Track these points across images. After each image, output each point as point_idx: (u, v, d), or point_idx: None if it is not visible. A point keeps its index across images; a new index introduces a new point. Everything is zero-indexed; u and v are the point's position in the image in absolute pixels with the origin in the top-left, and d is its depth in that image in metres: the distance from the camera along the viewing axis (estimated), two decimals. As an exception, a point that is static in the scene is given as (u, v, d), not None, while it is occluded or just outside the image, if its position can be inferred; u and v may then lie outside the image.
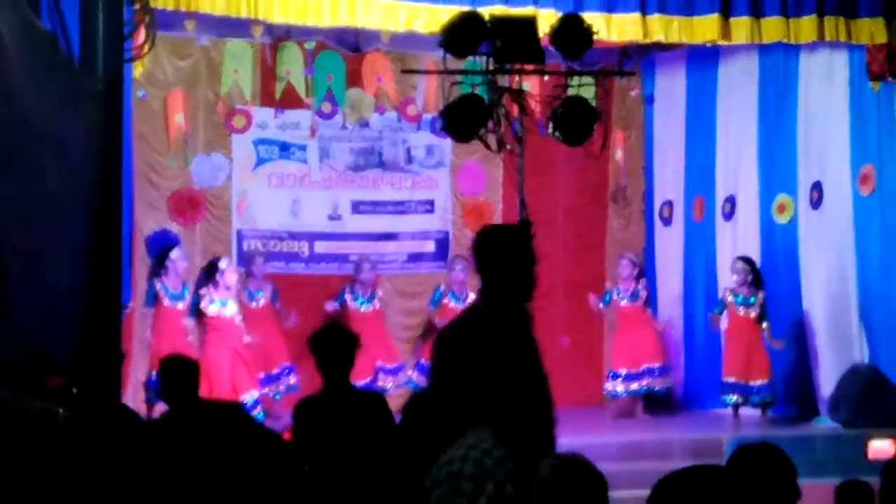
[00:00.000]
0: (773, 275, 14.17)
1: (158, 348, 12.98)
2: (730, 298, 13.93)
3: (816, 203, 13.94)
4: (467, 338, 5.58)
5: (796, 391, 14.09)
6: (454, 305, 14.29)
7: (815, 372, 13.88)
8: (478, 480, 5.30)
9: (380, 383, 14.05)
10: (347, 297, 14.39)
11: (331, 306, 14.29)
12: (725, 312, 14.08)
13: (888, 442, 11.66)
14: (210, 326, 13.48)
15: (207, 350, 13.28)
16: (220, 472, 7.27)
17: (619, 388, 14.46)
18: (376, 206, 15.54)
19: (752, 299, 13.81)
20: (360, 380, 12.90)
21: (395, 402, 7.79)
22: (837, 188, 13.72)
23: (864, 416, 12.88)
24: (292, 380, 13.96)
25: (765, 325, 13.82)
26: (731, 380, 13.90)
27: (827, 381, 13.63)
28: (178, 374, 7.77)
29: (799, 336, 14.04)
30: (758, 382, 13.78)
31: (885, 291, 13.20)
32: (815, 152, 14.04)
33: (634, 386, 14.48)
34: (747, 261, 14.03)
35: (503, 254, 5.70)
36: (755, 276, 13.90)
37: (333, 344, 7.60)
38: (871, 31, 12.28)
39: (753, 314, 13.81)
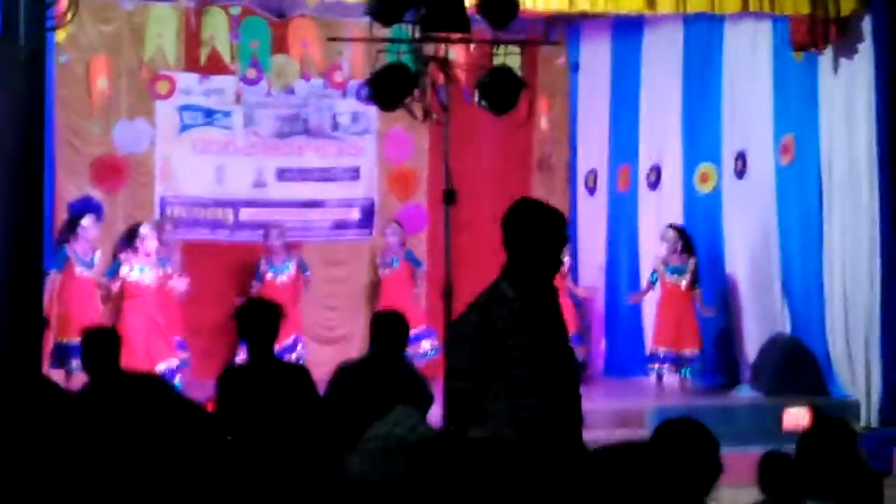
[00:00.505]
0: (696, 245, 14.26)
1: (67, 315, 12.91)
2: (660, 267, 13.99)
3: (741, 173, 14.06)
4: (491, 317, 5.38)
5: (722, 360, 14.23)
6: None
7: (740, 341, 14.03)
8: (400, 457, 5.31)
9: (298, 352, 14.05)
10: (263, 268, 14.36)
11: (254, 288, 14.28)
12: (655, 285, 14.16)
13: (803, 410, 11.78)
14: (127, 293, 13.40)
15: (124, 317, 13.20)
16: (143, 443, 7.22)
17: None
18: (302, 174, 15.47)
19: (684, 267, 13.88)
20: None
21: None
22: (761, 158, 13.84)
23: (783, 386, 13.04)
24: (184, 355, 13.83)
25: (696, 291, 13.91)
26: (662, 349, 13.99)
27: (751, 350, 13.78)
28: (100, 345, 7.73)
29: (723, 306, 14.16)
30: (688, 351, 13.89)
31: (805, 262, 13.33)
32: (740, 122, 14.15)
33: None
34: (677, 228, 14.10)
35: (537, 230, 5.52)
36: (685, 243, 13.95)
37: (257, 315, 7.60)
38: (794, 1, 12.36)
39: (684, 282, 13.88)
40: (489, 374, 5.25)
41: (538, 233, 5.51)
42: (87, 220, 13.45)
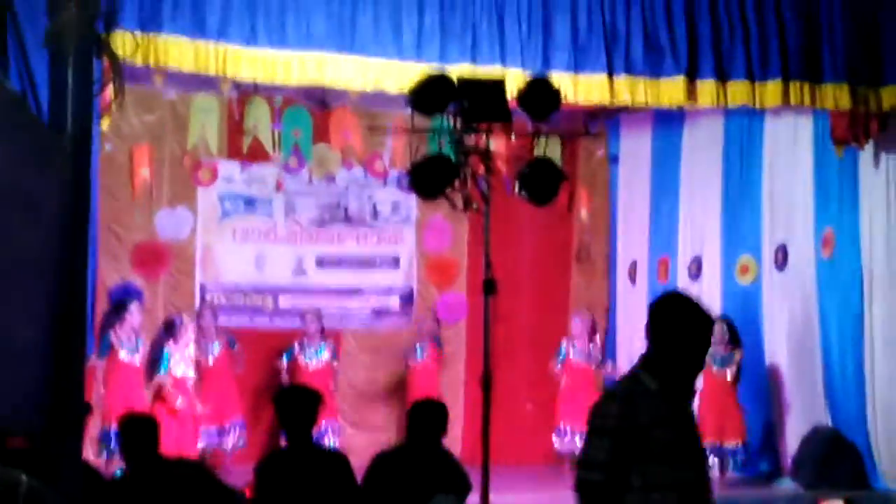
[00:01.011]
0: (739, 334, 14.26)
1: (112, 401, 13.00)
2: (707, 359, 13.96)
3: (781, 265, 14.05)
4: (635, 409, 5.20)
5: (765, 451, 14.14)
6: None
7: (781, 432, 13.94)
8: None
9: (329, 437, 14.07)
10: (296, 351, 14.43)
11: (280, 364, 14.37)
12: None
13: (839, 502, 11.68)
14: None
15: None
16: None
17: (567, 445, 14.52)
18: (341, 261, 15.57)
19: (730, 357, 13.86)
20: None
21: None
22: (801, 250, 13.83)
23: (824, 478, 12.92)
24: (240, 436, 13.92)
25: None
26: (706, 442, 13.93)
27: (792, 441, 13.68)
28: (136, 432, 7.78)
29: (764, 397, 14.10)
30: (732, 443, 13.82)
31: (845, 354, 13.26)
32: (780, 214, 14.16)
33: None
34: (724, 320, 14.10)
35: (687, 326, 5.37)
36: (732, 335, 13.95)
37: (296, 401, 7.64)
38: (834, 96, 12.40)
39: (730, 374, 13.86)
40: (626, 469, 5.11)
41: (688, 329, 5.38)
42: (133, 307, 13.58)
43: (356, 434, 14.91)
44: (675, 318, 5.39)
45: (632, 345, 15.63)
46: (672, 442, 5.18)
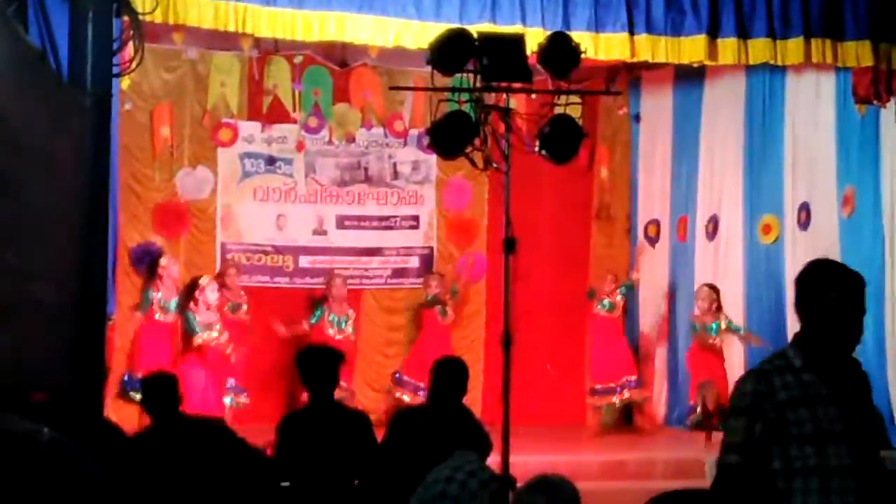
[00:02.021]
0: (756, 298, 14.22)
1: (141, 355, 13.15)
2: (697, 325, 14.08)
3: (804, 224, 13.99)
4: (771, 386, 4.78)
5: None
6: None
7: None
8: (461, 501, 5.32)
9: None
10: (325, 316, 14.42)
11: (304, 326, 14.39)
12: (691, 338, 14.22)
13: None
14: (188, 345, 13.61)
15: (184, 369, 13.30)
16: (203, 487, 7.30)
17: (599, 402, 14.60)
18: (361, 221, 15.57)
19: (714, 325, 13.91)
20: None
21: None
22: (824, 209, 13.77)
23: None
24: (242, 398, 13.92)
25: (742, 332, 13.92)
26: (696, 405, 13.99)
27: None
28: (159, 390, 7.81)
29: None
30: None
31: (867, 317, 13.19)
32: (802, 173, 14.09)
33: (614, 399, 14.61)
34: (712, 287, 14.14)
35: (835, 295, 4.91)
36: (719, 302, 14.03)
37: (318, 360, 7.65)
38: (857, 53, 12.34)
39: (718, 342, 13.92)
40: (766, 451, 4.71)
41: (836, 298, 4.90)
42: (164, 260, 13.73)
43: (376, 395, 14.95)
44: (818, 287, 4.93)
45: (653, 305, 15.64)
46: (818, 422, 4.72)
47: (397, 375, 14.67)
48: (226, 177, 15.06)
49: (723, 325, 13.95)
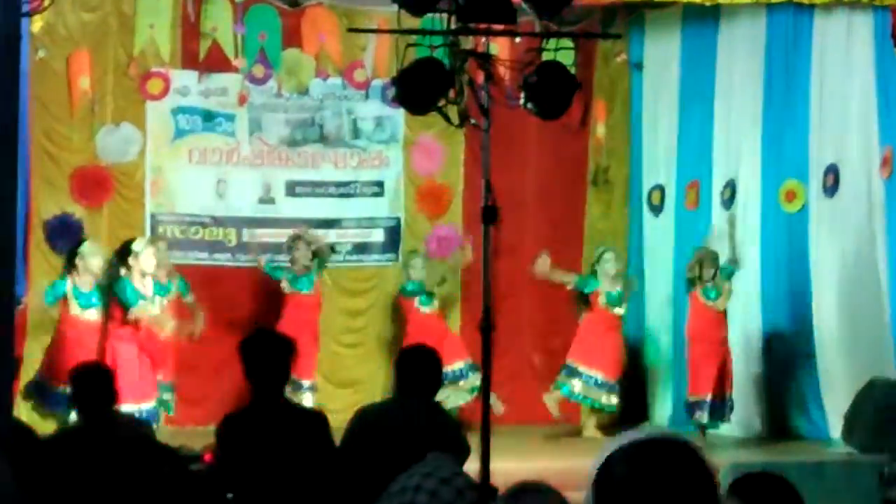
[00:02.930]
0: (776, 272, 14.25)
1: (59, 354, 13.05)
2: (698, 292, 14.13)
3: (831, 189, 14.02)
4: None
5: (794, 405, 14.19)
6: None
7: (830, 384, 13.93)
8: (433, 513, 5.31)
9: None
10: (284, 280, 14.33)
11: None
12: (690, 313, 14.21)
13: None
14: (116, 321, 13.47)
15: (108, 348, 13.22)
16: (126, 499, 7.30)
17: (575, 386, 14.53)
18: (316, 188, 15.54)
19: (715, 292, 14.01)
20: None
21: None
22: (856, 171, 13.78)
23: (882, 441, 12.94)
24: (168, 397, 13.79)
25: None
26: (701, 397, 14.00)
27: (838, 396, 13.69)
28: (91, 384, 7.84)
29: (804, 341, 14.10)
30: (727, 394, 13.97)
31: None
32: (831, 129, 14.11)
33: (590, 393, 14.57)
34: (707, 250, 14.21)
35: None
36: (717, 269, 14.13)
37: (265, 350, 7.62)
38: (898, -11, 12.38)
39: (722, 305, 13.98)
40: None
41: None
42: (86, 248, 13.43)
43: (335, 391, 14.93)
44: None
45: (657, 283, 15.66)
46: None
47: None
48: (156, 136, 15.02)
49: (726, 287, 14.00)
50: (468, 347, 13.95)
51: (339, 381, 15.13)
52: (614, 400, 14.60)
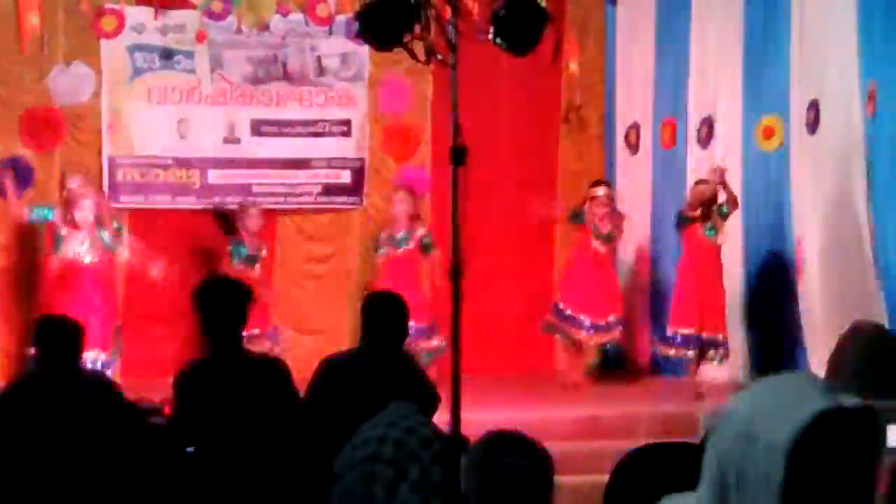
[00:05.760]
0: (755, 213, 14.23)
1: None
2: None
3: (813, 126, 13.95)
4: None
5: (774, 349, 14.22)
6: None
7: (811, 327, 13.92)
8: (398, 465, 5.27)
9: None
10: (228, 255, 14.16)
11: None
12: (682, 242, 14.17)
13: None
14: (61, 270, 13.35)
15: (54, 298, 13.15)
16: (84, 453, 7.27)
17: (568, 328, 14.47)
18: (282, 127, 15.43)
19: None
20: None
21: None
22: (838, 108, 13.71)
23: (865, 387, 12.91)
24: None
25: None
26: (685, 331, 13.97)
27: (820, 340, 13.66)
28: (56, 337, 7.84)
29: (784, 285, 14.08)
30: (718, 335, 13.94)
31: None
32: (814, 64, 14.03)
33: (589, 337, 14.52)
34: (703, 182, 14.18)
35: None
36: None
37: (221, 297, 7.57)
38: None
39: (719, 241, 13.94)
40: None
41: None
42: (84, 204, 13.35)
43: (298, 339, 14.84)
44: None
45: (634, 225, 15.61)
46: None
47: None
48: (112, 75, 14.89)
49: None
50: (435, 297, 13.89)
51: (304, 329, 15.06)
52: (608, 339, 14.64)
